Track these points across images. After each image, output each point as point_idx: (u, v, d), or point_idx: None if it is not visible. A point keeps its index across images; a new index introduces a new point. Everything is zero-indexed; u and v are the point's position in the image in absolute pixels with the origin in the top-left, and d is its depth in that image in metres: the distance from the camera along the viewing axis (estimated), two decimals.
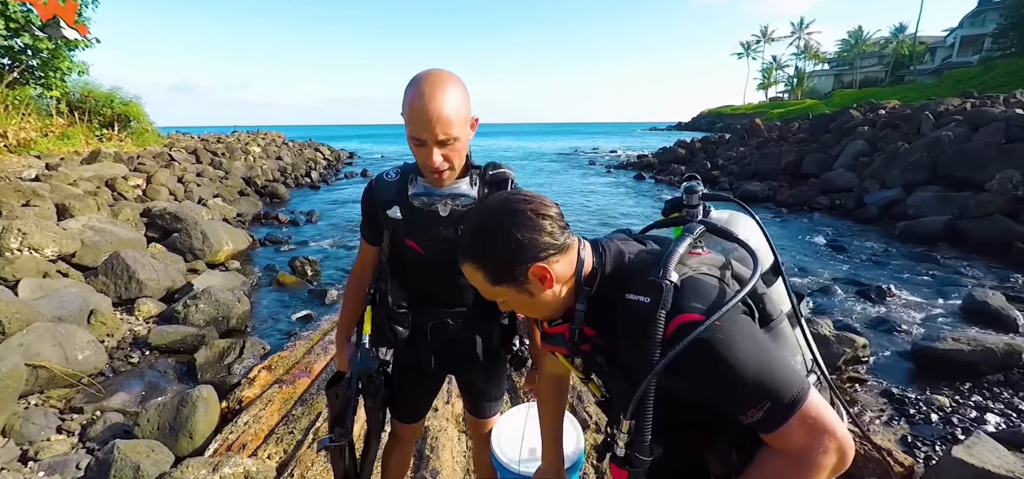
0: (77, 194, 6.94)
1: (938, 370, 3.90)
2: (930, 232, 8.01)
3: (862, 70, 49.25)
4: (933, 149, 10.38)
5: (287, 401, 2.85)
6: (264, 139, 27.32)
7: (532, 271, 0.77)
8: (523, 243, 0.76)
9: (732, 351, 0.66)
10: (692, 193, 0.91)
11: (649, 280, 0.73)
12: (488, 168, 1.23)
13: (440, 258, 1.22)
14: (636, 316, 0.73)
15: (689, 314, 0.69)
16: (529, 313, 0.89)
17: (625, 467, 0.74)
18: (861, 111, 16.76)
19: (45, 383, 2.99)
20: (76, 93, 15.34)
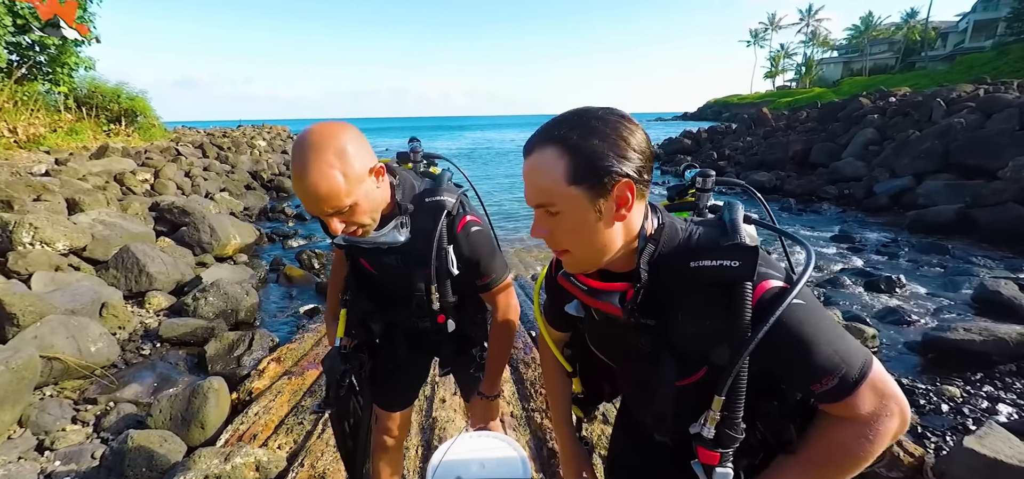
0: (86, 189, 7.00)
1: (949, 361, 3.87)
2: (941, 221, 7.90)
3: (872, 57, 48.43)
4: (945, 137, 10.22)
5: (296, 392, 2.87)
6: (269, 133, 27.43)
7: (620, 186, 0.67)
8: (625, 151, 0.66)
9: (813, 320, 0.66)
10: (706, 178, 0.88)
11: (732, 244, 0.68)
12: (424, 196, 1.13)
13: (390, 280, 1.25)
14: (714, 283, 0.68)
15: (771, 281, 0.68)
16: (576, 244, 0.72)
17: (717, 449, 0.71)
18: (871, 99, 16.51)
19: (59, 374, 3.04)
20: (83, 89, 15.45)
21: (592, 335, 0.93)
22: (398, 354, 1.38)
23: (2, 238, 4.36)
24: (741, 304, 0.66)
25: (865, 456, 0.68)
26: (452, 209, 1.13)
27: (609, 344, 0.90)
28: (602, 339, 0.91)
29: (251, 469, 2.01)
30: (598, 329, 0.90)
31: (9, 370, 2.52)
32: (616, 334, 0.83)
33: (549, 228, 0.73)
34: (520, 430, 2.41)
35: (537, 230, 0.74)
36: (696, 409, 0.74)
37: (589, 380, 1.06)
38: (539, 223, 0.74)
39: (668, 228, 0.75)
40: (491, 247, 1.22)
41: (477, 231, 1.18)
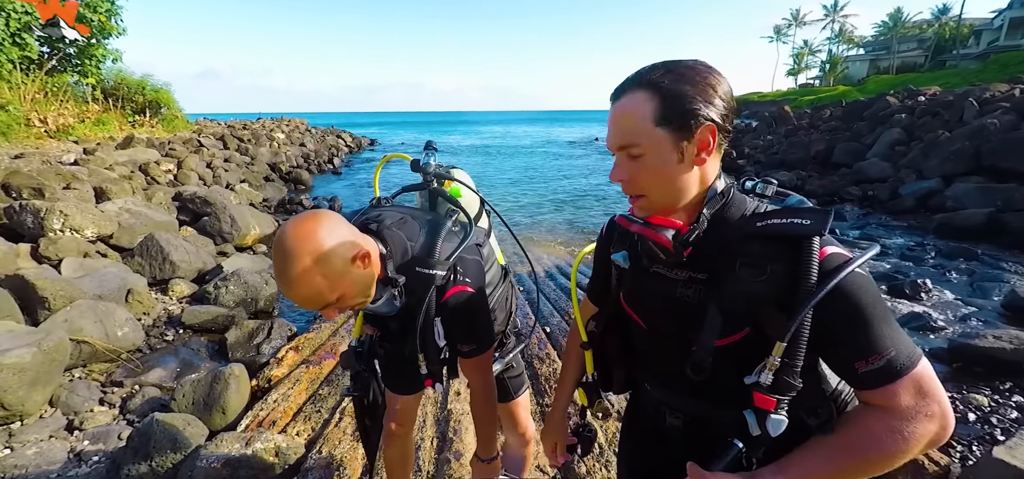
0: (113, 178, 7.21)
1: (977, 369, 3.74)
2: (970, 225, 7.63)
3: (900, 55, 46.90)
4: (977, 137, 9.86)
5: (314, 381, 2.92)
6: (288, 126, 27.84)
7: (704, 129, 0.71)
8: (711, 97, 0.71)
9: (873, 296, 0.66)
10: (768, 185, 0.86)
11: (803, 206, 0.71)
12: (413, 265, 1.09)
13: (393, 331, 1.23)
14: (780, 237, 0.69)
15: (833, 248, 0.68)
16: (654, 186, 0.76)
17: (774, 395, 0.70)
18: (898, 98, 16.03)
19: (88, 357, 3.14)
20: (110, 80, 15.89)
21: (632, 290, 0.92)
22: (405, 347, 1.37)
23: (34, 224, 4.52)
24: (808, 258, 0.66)
25: (895, 454, 0.66)
26: (440, 281, 1.08)
27: (650, 299, 0.88)
28: (644, 294, 0.89)
29: (271, 454, 2.05)
30: (641, 280, 0.88)
31: (41, 352, 2.61)
32: (660, 287, 0.83)
33: (629, 172, 0.76)
34: (535, 425, 2.41)
35: (617, 173, 0.78)
36: (730, 373, 0.74)
37: (603, 362, 1.04)
38: (619, 167, 0.77)
39: (737, 194, 0.80)
40: (478, 316, 1.17)
41: (467, 298, 1.12)
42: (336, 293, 0.92)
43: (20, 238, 4.48)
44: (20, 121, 10.43)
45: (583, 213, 10.92)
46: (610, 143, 0.77)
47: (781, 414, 0.70)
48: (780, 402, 0.69)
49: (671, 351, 0.85)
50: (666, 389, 0.90)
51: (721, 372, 0.76)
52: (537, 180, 16.59)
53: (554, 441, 1.18)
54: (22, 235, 4.53)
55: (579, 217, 10.48)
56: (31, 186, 5.47)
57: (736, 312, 0.73)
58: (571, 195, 13.36)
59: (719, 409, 0.81)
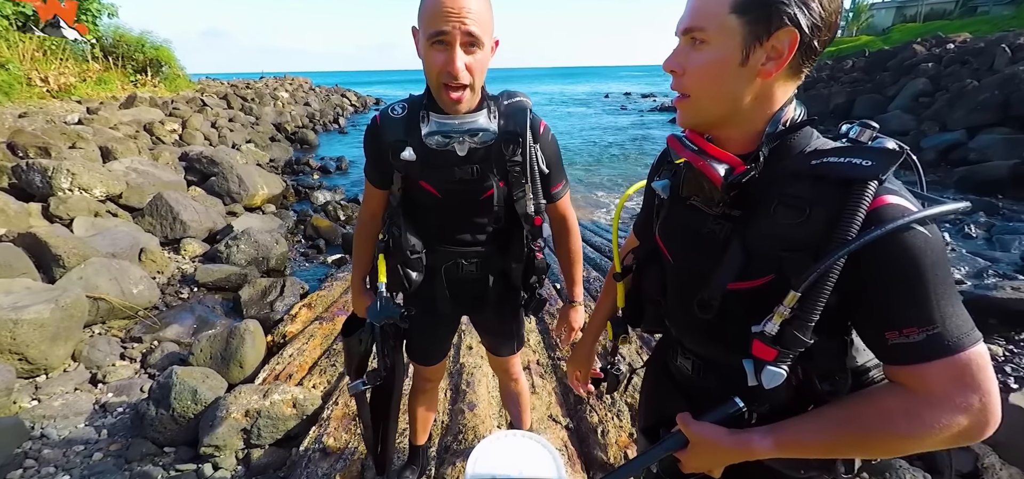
0: (118, 137, 7.17)
1: (991, 321, 3.69)
2: (993, 178, 7.38)
3: (928, 2, 44.42)
4: (1006, 86, 9.40)
5: (327, 337, 2.96)
6: (292, 85, 27.36)
7: (782, 34, 0.59)
8: (822, 13, 0.59)
9: (932, 259, 0.54)
10: (867, 129, 0.76)
11: (869, 147, 0.60)
12: (503, 97, 1.15)
13: (457, 199, 1.16)
14: (832, 177, 0.59)
15: (898, 199, 0.56)
16: (704, 87, 0.67)
17: (776, 346, 0.61)
18: (926, 46, 15.24)
19: (106, 314, 3.19)
20: (108, 38, 15.56)
21: (666, 221, 0.85)
22: (438, 305, 1.31)
23: (43, 184, 4.52)
24: (855, 203, 0.55)
25: (906, 438, 0.57)
26: (532, 109, 1.14)
27: (679, 233, 0.81)
28: (675, 226, 0.82)
29: (288, 405, 2.09)
30: (675, 212, 0.81)
31: (59, 308, 2.65)
32: (692, 221, 0.75)
33: (683, 63, 0.67)
34: (547, 377, 2.43)
35: (671, 61, 0.69)
36: (745, 320, 0.66)
37: (636, 297, 1.00)
38: (677, 54, 0.69)
39: (806, 128, 0.67)
40: (560, 154, 1.25)
41: (553, 135, 1.21)
42: (488, 34, 1.01)
43: (30, 198, 4.50)
44: (21, 80, 10.29)
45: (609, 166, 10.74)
46: (678, 25, 0.67)
47: (781, 368, 0.61)
48: (782, 355, 0.61)
49: (689, 288, 0.78)
50: (680, 327, 0.86)
51: (735, 317, 0.68)
52: None
53: (578, 369, 1.16)
54: (32, 195, 4.54)
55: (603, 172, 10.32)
56: (37, 146, 5.44)
57: (761, 255, 0.64)
58: (601, 149, 13.11)
59: (733, 355, 0.73)
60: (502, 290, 1.32)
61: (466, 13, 0.93)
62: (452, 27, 0.94)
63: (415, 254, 1.21)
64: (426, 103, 1.09)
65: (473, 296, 1.32)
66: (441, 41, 0.96)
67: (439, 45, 0.97)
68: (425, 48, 0.99)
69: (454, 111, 1.05)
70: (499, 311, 1.37)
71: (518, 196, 1.16)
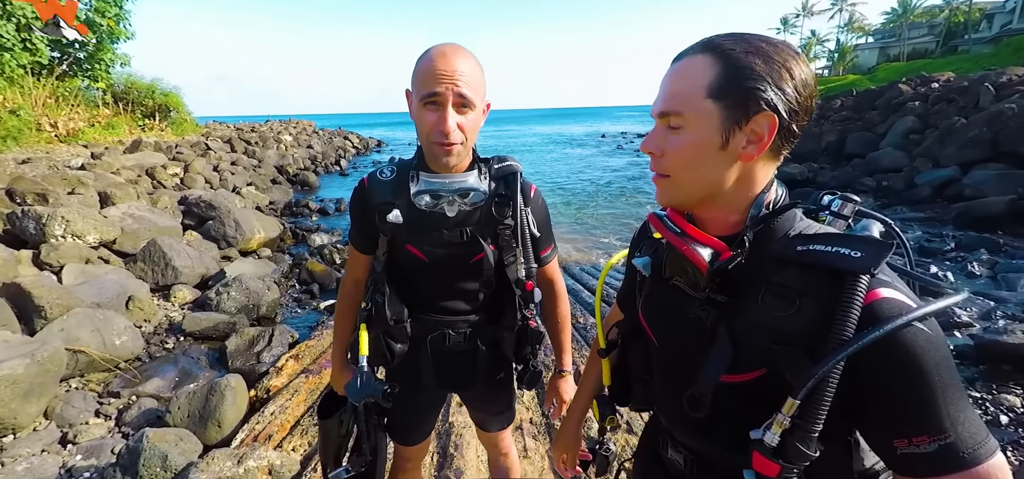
0: (119, 183, 7.21)
1: (1007, 367, 3.57)
2: (991, 214, 7.39)
3: (910, 41, 45.90)
4: (994, 123, 9.57)
5: (313, 392, 2.84)
6: (295, 128, 27.97)
7: (761, 118, 0.58)
8: (783, 83, 0.58)
9: (937, 359, 0.51)
10: (847, 202, 0.74)
11: (857, 236, 0.57)
12: (494, 161, 1.13)
13: (445, 264, 1.11)
14: (820, 267, 0.56)
15: (893, 293, 0.54)
16: (683, 168, 0.65)
17: (777, 460, 0.56)
18: (911, 85, 15.65)
19: (85, 367, 3.09)
20: (120, 84, 16.02)
21: (649, 300, 0.81)
22: (422, 379, 1.22)
23: (36, 231, 4.50)
24: (847, 299, 0.52)
25: None
26: (521, 173, 1.14)
27: (664, 313, 0.78)
28: (659, 306, 0.79)
29: (264, 472, 1.97)
30: (658, 292, 0.78)
31: (35, 363, 2.55)
32: (676, 303, 0.72)
33: (662, 145, 0.66)
34: (540, 438, 2.30)
35: (649, 143, 0.68)
36: (739, 417, 0.63)
37: (622, 374, 0.95)
38: (654, 136, 0.67)
39: (789, 211, 0.65)
40: (548, 216, 1.24)
41: (543, 200, 1.20)
42: (480, 97, 1.01)
43: (23, 244, 4.46)
44: (31, 125, 10.50)
45: (605, 211, 10.77)
46: (653, 108, 0.67)
47: None
48: (785, 471, 0.56)
49: (678, 377, 0.74)
50: (670, 417, 0.81)
51: (727, 413, 0.64)
52: (556, 177, 16.46)
53: (565, 452, 1.10)
54: (25, 242, 4.51)
55: (600, 216, 10.35)
56: (35, 192, 5.46)
57: (751, 347, 0.61)
58: (592, 192, 13.21)
59: (728, 453, 0.68)
60: (493, 361, 1.25)
61: (458, 75, 0.95)
62: (445, 88, 0.94)
63: (399, 323, 1.14)
64: (416, 164, 1.08)
65: (461, 369, 1.23)
66: (433, 102, 0.96)
67: (432, 105, 0.97)
68: (418, 109, 0.99)
69: (444, 169, 1.04)
70: (489, 384, 1.29)
71: (509, 261, 1.11)
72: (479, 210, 1.09)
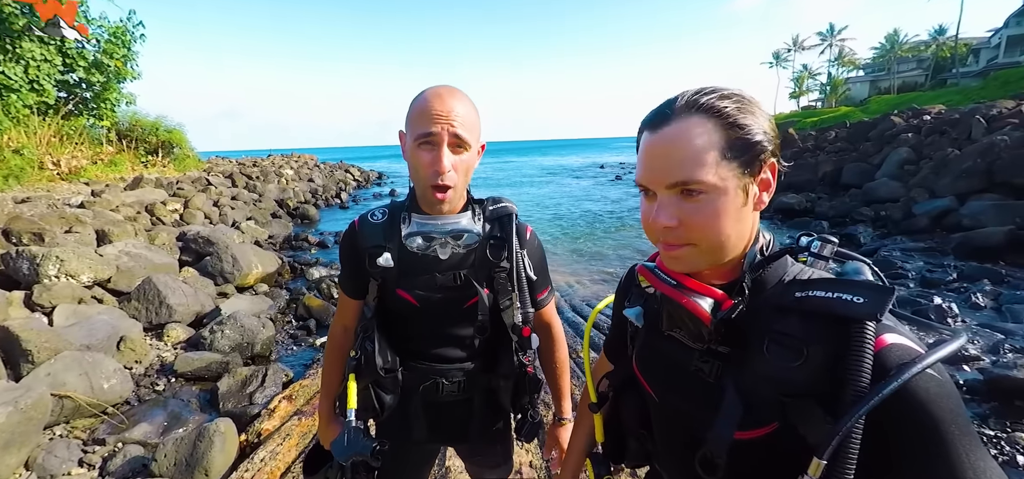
0: (117, 220, 7.21)
1: (1019, 403, 3.48)
2: (991, 244, 7.37)
3: (900, 75, 47.18)
4: (988, 154, 9.68)
5: (305, 435, 2.74)
6: (297, 162, 28.32)
7: (768, 166, 0.63)
8: (768, 129, 0.62)
9: (951, 407, 0.50)
10: (826, 243, 0.76)
11: (856, 280, 0.57)
12: (488, 202, 1.11)
13: (437, 309, 1.08)
14: (824, 315, 0.56)
15: (895, 337, 0.54)
16: (709, 234, 0.62)
17: None
18: (903, 117, 15.96)
19: (71, 413, 2.99)
20: (125, 122, 16.32)
21: (643, 353, 0.79)
22: (413, 432, 1.16)
23: (30, 271, 4.46)
24: (858, 349, 0.51)
25: None
26: (517, 214, 1.12)
27: (661, 366, 0.75)
28: (655, 358, 0.76)
29: None
30: (654, 344, 0.76)
31: (18, 410, 2.47)
32: (676, 356, 0.70)
33: (679, 215, 0.62)
34: None
35: (665, 215, 0.62)
36: (753, 474, 0.61)
37: (616, 429, 0.91)
38: (668, 208, 0.62)
39: (782, 257, 0.66)
40: (545, 257, 1.22)
41: (539, 241, 1.19)
42: (475, 137, 1.00)
43: (16, 285, 4.42)
44: (33, 164, 10.62)
45: (600, 243, 10.77)
46: (657, 178, 0.62)
47: None
48: None
49: (682, 433, 0.72)
50: (674, 475, 0.77)
51: (740, 472, 0.62)
52: (553, 208, 16.54)
53: None
54: (18, 283, 4.46)
55: (595, 246, 10.34)
56: (32, 231, 5.45)
57: (761, 401, 0.59)
58: (587, 224, 13.24)
59: None
60: (489, 411, 1.19)
61: (453, 116, 0.94)
62: (440, 128, 0.93)
63: (389, 372, 1.09)
64: (408, 205, 1.06)
65: (455, 421, 1.18)
66: (428, 142, 0.95)
67: (426, 145, 0.96)
68: (412, 150, 0.98)
69: (438, 211, 1.01)
70: (485, 435, 1.23)
71: (504, 304, 1.08)
72: (473, 252, 1.07)
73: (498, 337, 1.12)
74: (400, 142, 1.04)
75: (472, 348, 1.13)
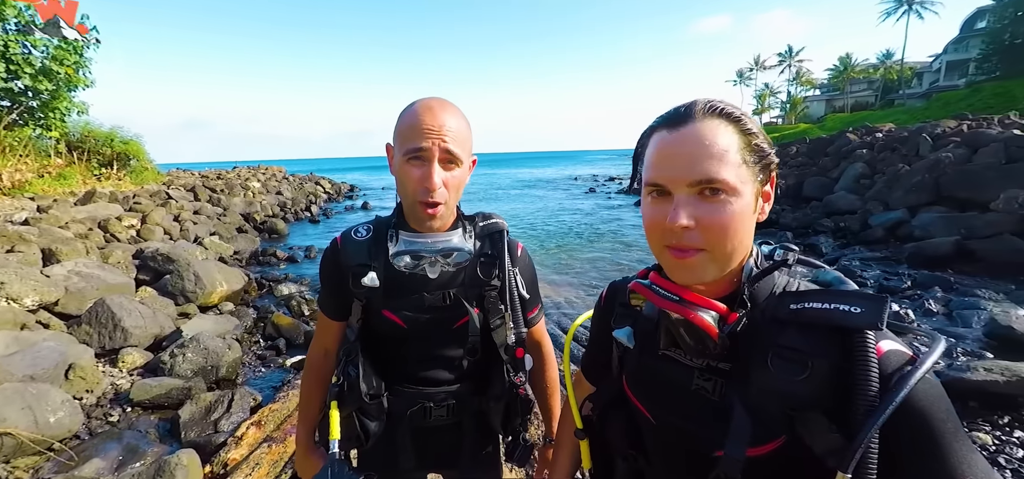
0: (66, 238, 6.76)
1: (971, 404, 3.67)
2: (940, 254, 7.85)
3: (853, 95, 50.26)
4: (934, 170, 10.36)
5: (276, 463, 2.59)
6: (264, 174, 27.46)
7: (772, 179, 0.66)
8: (769, 143, 0.65)
9: (946, 408, 0.53)
10: (789, 252, 0.78)
11: (851, 290, 0.59)
12: (478, 217, 1.09)
13: (426, 330, 1.03)
14: (823, 326, 0.56)
15: (890, 343, 0.56)
16: (723, 241, 0.60)
17: None
18: (858, 134, 16.92)
19: (11, 451, 2.74)
20: (76, 133, 15.40)
21: (637, 373, 0.77)
22: (400, 461, 1.11)
23: None
24: (864, 359, 0.52)
25: None
26: (508, 231, 1.10)
27: (657, 387, 0.73)
28: (651, 380, 0.74)
29: None
30: (649, 365, 0.74)
31: None
32: (673, 375, 0.69)
33: (697, 216, 0.60)
34: None
35: (681, 216, 0.59)
36: None
37: (601, 451, 0.89)
38: (685, 207, 0.60)
39: (770, 263, 0.67)
40: (535, 273, 1.19)
41: (530, 258, 1.16)
42: (467, 153, 0.97)
43: None
44: None
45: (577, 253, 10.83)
46: (678, 175, 0.60)
47: None
48: None
49: (682, 453, 0.71)
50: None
51: None
52: (535, 223, 16.59)
53: None
54: None
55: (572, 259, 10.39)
56: None
57: (768, 416, 0.59)
58: (562, 232, 13.32)
59: None
60: (479, 436, 1.15)
61: (445, 130, 0.91)
62: (431, 143, 0.90)
63: (375, 399, 1.03)
64: (395, 222, 1.01)
65: (444, 447, 1.13)
66: (418, 157, 0.91)
67: (416, 161, 0.92)
68: (400, 164, 0.93)
69: (428, 228, 0.98)
70: (475, 460, 1.18)
71: (496, 324, 1.04)
72: (463, 271, 1.03)
73: (488, 358, 1.08)
74: (387, 155, 1.00)
75: (461, 370, 1.09)
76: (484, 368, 1.10)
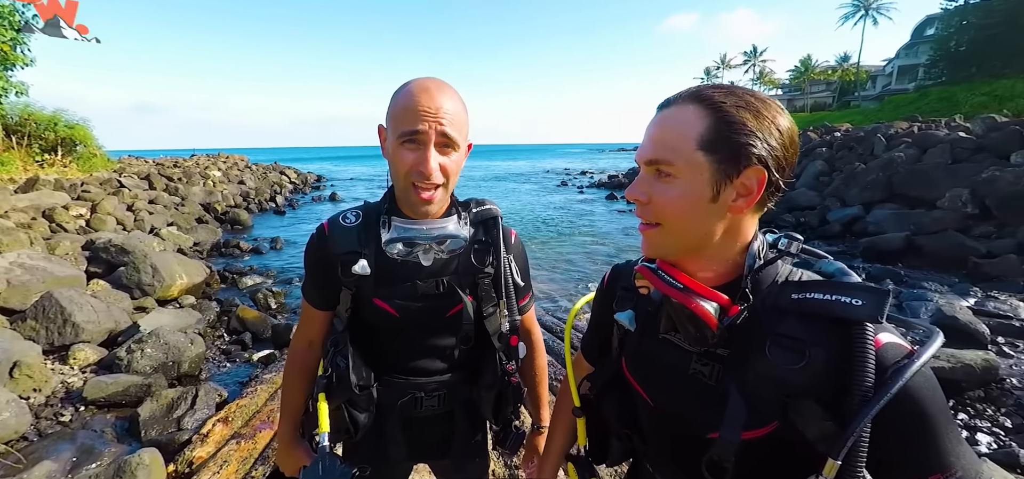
0: (7, 227, 6.27)
1: None
2: (891, 249, 8.34)
3: (812, 95, 52.58)
4: (887, 169, 10.96)
5: (246, 460, 2.50)
6: (226, 163, 26.30)
7: (754, 172, 0.60)
8: (771, 137, 0.60)
9: (939, 399, 0.55)
10: (792, 241, 0.79)
11: (853, 282, 0.59)
12: (472, 203, 1.06)
13: (419, 319, 1.01)
14: (823, 317, 0.57)
15: (888, 336, 0.56)
16: (673, 219, 0.64)
17: None
18: (818, 133, 17.68)
19: None
20: (15, 116, 14.25)
21: (636, 355, 0.78)
22: (390, 454, 1.08)
23: None
24: (862, 350, 0.53)
25: None
26: (502, 217, 1.08)
27: (655, 370, 0.75)
28: (649, 362, 0.76)
29: None
30: (648, 348, 0.75)
31: None
32: (671, 359, 0.71)
33: (650, 193, 0.65)
34: None
35: (636, 190, 0.67)
36: (756, 473, 0.63)
37: (597, 429, 0.92)
38: (642, 184, 0.66)
39: (774, 254, 0.68)
40: (529, 264, 1.19)
41: (522, 245, 1.16)
42: (463, 137, 0.94)
43: None
44: None
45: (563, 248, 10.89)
46: (640, 154, 0.67)
47: None
48: None
49: (682, 437, 0.73)
50: (671, 477, 0.78)
51: (744, 472, 0.63)
52: None
53: None
54: None
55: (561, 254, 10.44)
56: None
57: (763, 402, 0.60)
58: (551, 228, 13.35)
59: None
60: (469, 425, 1.13)
61: (442, 113, 0.87)
62: (427, 126, 0.86)
63: (364, 390, 1.00)
64: (388, 207, 0.97)
65: (435, 438, 1.11)
66: (414, 140, 0.88)
67: (411, 144, 0.88)
68: (394, 147, 0.89)
69: (422, 213, 0.94)
70: (466, 450, 1.16)
71: (489, 312, 1.03)
72: (456, 258, 1.01)
73: (481, 347, 1.07)
74: (379, 138, 0.96)
75: (453, 359, 1.07)
76: (476, 357, 1.08)
